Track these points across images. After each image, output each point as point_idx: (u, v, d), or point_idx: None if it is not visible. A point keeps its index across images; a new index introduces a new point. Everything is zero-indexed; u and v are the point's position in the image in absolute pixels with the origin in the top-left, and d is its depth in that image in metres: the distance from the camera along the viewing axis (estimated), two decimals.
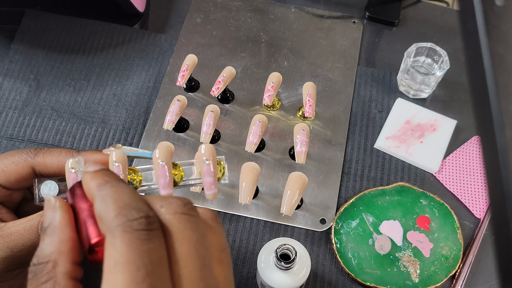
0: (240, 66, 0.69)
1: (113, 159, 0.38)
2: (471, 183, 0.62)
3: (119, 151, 0.39)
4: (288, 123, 0.65)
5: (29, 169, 0.43)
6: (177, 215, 0.27)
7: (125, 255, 0.24)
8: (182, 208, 0.27)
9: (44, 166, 0.42)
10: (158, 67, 0.69)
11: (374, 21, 0.75)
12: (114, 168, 0.38)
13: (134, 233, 0.24)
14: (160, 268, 0.24)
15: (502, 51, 0.25)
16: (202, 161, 0.39)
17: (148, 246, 0.24)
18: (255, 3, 0.75)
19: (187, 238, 0.26)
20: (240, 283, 0.55)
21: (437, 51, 0.65)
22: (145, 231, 0.25)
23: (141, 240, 0.24)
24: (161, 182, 0.38)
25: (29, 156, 0.42)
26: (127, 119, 0.65)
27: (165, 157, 0.38)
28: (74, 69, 0.69)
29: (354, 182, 0.62)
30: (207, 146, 0.39)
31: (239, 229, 0.59)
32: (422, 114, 0.66)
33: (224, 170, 0.41)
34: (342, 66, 0.70)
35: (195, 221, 0.27)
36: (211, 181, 0.38)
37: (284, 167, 0.62)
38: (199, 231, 0.27)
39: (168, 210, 0.27)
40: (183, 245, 0.26)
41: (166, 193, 0.38)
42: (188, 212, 0.27)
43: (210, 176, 0.38)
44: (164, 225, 0.26)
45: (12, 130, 0.64)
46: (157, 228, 0.25)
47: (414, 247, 0.57)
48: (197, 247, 0.26)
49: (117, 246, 0.24)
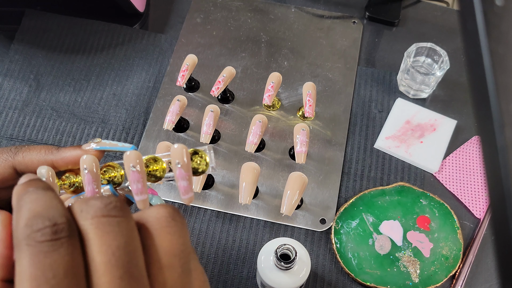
0: (240, 66, 0.69)
1: (84, 166, 0.36)
2: (471, 183, 0.62)
3: (88, 158, 0.37)
4: (288, 123, 0.65)
5: (10, 169, 0.42)
6: (95, 219, 0.24)
7: (28, 271, 0.22)
8: (102, 210, 0.24)
9: (25, 165, 0.41)
10: (158, 67, 0.69)
11: (374, 21, 0.75)
12: (85, 175, 0.36)
13: (37, 245, 0.22)
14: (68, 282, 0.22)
15: (502, 51, 0.25)
16: (174, 165, 0.36)
17: (52, 258, 0.22)
18: (255, 3, 0.75)
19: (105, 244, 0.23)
20: (240, 283, 0.55)
21: (437, 51, 0.65)
22: (50, 241, 0.22)
23: (43, 252, 0.22)
24: (134, 188, 0.35)
25: (9, 155, 0.41)
26: (127, 119, 0.65)
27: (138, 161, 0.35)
28: (74, 69, 0.69)
29: (354, 182, 0.62)
30: (177, 148, 0.35)
31: (239, 229, 0.58)
32: (422, 114, 0.66)
33: (206, 161, 0.38)
34: (342, 66, 0.70)
35: (117, 223, 0.24)
36: (185, 185, 0.35)
37: (284, 167, 0.62)
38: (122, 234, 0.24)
39: (86, 214, 0.24)
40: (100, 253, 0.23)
41: (140, 199, 0.35)
42: (109, 214, 0.24)
43: (183, 180, 0.35)
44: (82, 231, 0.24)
45: (12, 130, 0.64)
46: (65, 236, 0.23)
47: (414, 247, 0.57)
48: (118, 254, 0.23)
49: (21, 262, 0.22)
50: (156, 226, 0.25)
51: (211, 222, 0.59)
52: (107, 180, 0.39)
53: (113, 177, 0.39)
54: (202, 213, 0.59)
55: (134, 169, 0.35)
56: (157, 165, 0.38)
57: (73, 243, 0.23)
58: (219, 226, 0.59)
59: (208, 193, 0.60)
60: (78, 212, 0.25)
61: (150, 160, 0.38)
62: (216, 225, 0.59)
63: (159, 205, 0.27)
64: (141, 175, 0.35)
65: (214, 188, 0.61)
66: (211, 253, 0.57)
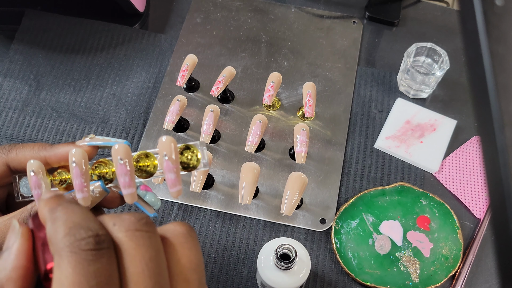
0: (240, 66, 0.69)
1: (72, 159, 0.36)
2: (471, 183, 0.62)
3: (77, 151, 0.37)
4: (288, 123, 0.65)
5: (4, 166, 0.42)
6: (129, 232, 0.26)
7: (71, 277, 0.23)
8: (135, 224, 0.26)
9: (18, 162, 0.42)
10: (158, 67, 0.69)
11: (374, 21, 0.75)
12: (73, 168, 0.36)
13: (81, 253, 0.24)
14: None
15: (502, 51, 0.25)
16: (161, 157, 0.35)
17: (95, 266, 0.24)
18: (255, 3, 0.75)
19: (139, 256, 0.25)
20: (240, 283, 0.55)
21: (437, 51, 0.65)
22: (93, 251, 0.24)
23: (88, 260, 0.24)
24: (121, 181, 0.35)
25: (2, 153, 0.42)
26: (127, 119, 0.65)
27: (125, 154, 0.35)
28: (74, 69, 0.69)
29: (354, 182, 0.62)
30: (165, 141, 0.35)
31: (239, 229, 0.59)
32: (422, 114, 0.66)
33: (198, 157, 0.37)
34: (342, 66, 0.70)
35: (149, 237, 0.26)
36: (172, 178, 0.35)
37: (284, 167, 0.62)
38: (153, 248, 0.26)
39: (120, 227, 0.26)
40: (135, 263, 0.25)
41: (128, 193, 0.35)
42: (141, 228, 0.26)
43: (171, 172, 0.35)
44: (117, 243, 0.26)
45: (12, 130, 0.64)
46: (106, 248, 0.25)
47: (414, 247, 0.57)
48: (150, 266, 0.25)
49: (63, 268, 0.24)
50: (175, 242, 0.27)
51: (211, 222, 0.59)
52: (98, 176, 0.38)
53: (104, 173, 0.38)
54: (202, 213, 0.59)
55: (121, 161, 0.34)
56: (148, 161, 0.38)
57: (112, 254, 0.25)
58: (219, 226, 0.59)
59: (208, 193, 0.60)
60: (111, 225, 0.26)
61: (141, 156, 0.37)
62: (216, 225, 0.59)
63: (176, 222, 0.28)
64: (129, 168, 0.35)
65: (214, 188, 0.61)
66: (211, 253, 0.57)
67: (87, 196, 0.36)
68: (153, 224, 0.27)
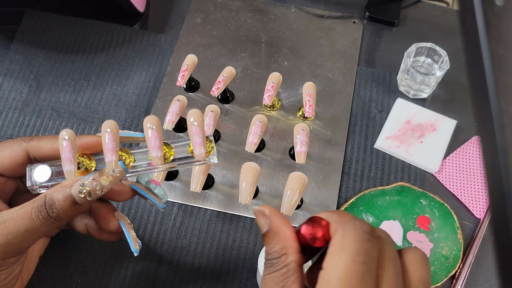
0: (240, 66, 0.69)
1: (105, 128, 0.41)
2: (471, 183, 0.62)
3: (110, 121, 0.41)
4: (288, 123, 0.65)
5: (23, 152, 0.44)
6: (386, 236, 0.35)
7: (351, 243, 0.31)
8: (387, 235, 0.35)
9: (39, 148, 0.44)
10: (158, 67, 0.69)
11: (374, 21, 0.75)
12: (105, 134, 0.40)
13: (363, 233, 0.32)
14: (372, 263, 0.32)
15: (502, 51, 0.25)
16: (190, 123, 0.40)
17: (368, 245, 0.32)
18: (255, 3, 0.75)
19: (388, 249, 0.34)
20: (240, 283, 0.55)
21: (437, 51, 0.65)
22: (369, 234, 0.32)
23: (364, 240, 0.32)
24: (151, 144, 0.40)
25: (23, 140, 0.44)
26: (127, 119, 0.65)
27: (156, 123, 0.41)
28: (74, 69, 0.69)
29: (354, 182, 0.62)
30: (194, 110, 0.41)
31: (239, 229, 0.59)
32: (422, 114, 0.66)
33: (212, 146, 0.43)
34: (342, 66, 0.70)
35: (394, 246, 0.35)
36: (199, 142, 0.40)
37: (284, 167, 0.62)
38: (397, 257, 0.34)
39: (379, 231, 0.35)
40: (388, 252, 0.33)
41: (156, 155, 0.40)
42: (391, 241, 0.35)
43: (198, 136, 0.41)
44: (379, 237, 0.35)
45: (12, 130, 0.64)
46: (376, 237, 0.33)
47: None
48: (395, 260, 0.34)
49: (347, 235, 0.32)
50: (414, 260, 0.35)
51: (211, 222, 0.59)
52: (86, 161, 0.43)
53: (122, 159, 0.43)
54: (202, 213, 0.59)
55: (154, 127, 0.41)
56: (167, 149, 0.43)
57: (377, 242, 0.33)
58: (219, 226, 0.59)
59: (208, 193, 0.60)
60: None
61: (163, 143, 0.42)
62: (216, 225, 0.59)
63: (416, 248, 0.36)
64: (159, 133, 0.41)
65: (214, 188, 0.61)
66: (211, 253, 0.57)
67: (116, 159, 0.40)
68: None
